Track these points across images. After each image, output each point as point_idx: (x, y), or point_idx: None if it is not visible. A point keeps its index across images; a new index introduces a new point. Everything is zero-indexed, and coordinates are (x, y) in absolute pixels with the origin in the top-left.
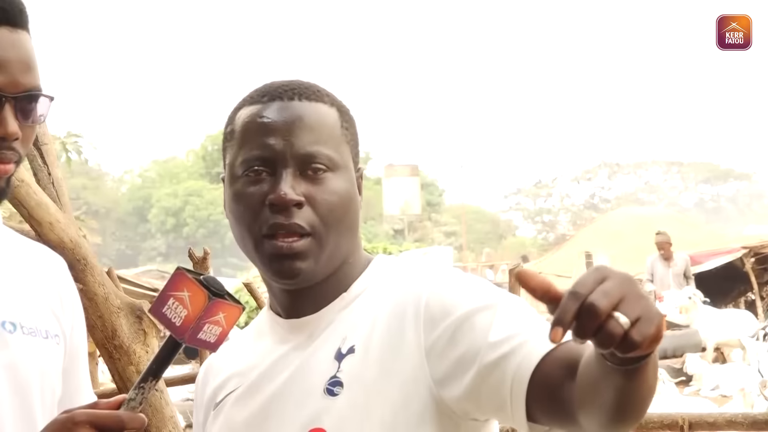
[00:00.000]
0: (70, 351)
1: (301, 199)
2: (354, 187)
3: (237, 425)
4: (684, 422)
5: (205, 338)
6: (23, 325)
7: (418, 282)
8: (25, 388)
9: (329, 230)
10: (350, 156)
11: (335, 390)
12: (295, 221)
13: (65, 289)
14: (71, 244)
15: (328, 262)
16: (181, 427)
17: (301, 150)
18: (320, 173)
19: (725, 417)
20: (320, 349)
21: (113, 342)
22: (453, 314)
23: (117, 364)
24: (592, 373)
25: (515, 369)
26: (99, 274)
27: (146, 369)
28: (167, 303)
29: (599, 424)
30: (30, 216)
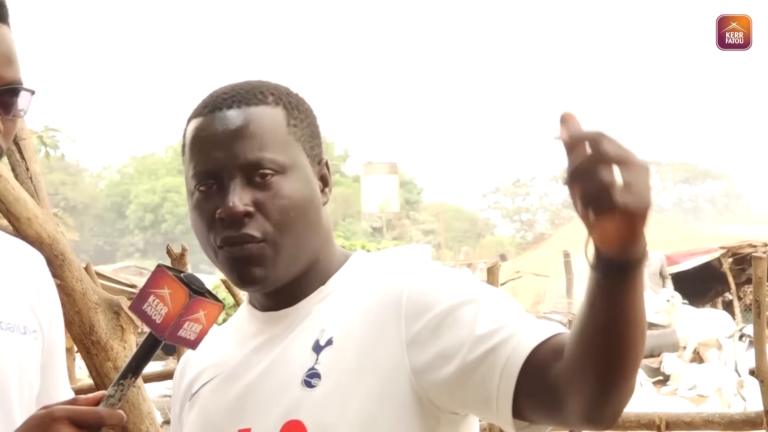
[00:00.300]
0: (48, 346)
1: (249, 209)
2: (310, 184)
3: (213, 414)
4: (661, 422)
5: (185, 336)
6: (1, 321)
7: (399, 276)
8: (3, 383)
9: (284, 234)
10: (302, 153)
11: (313, 382)
12: (245, 232)
13: (43, 285)
14: (49, 239)
15: (290, 264)
16: (158, 424)
17: (245, 159)
18: (268, 178)
19: (702, 417)
20: (297, 340)
21: (91, 338)
22: (436, 307)
23: (94, 360)
24: (580, 319)
25: (503, 363)
26: (77, 270)
27: (125, 366)
28: (147, 300)
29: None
30: (8, 211)
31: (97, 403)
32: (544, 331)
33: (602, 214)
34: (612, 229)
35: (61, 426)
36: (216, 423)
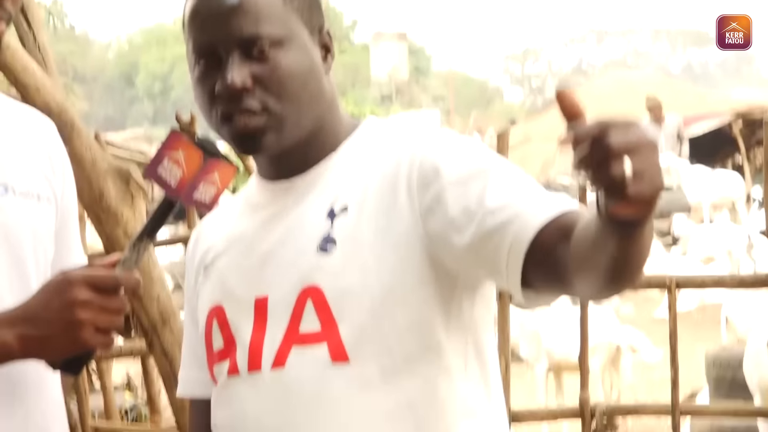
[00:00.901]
0: (61, 213)
1: (247, 84)
2: (309, 54)
3: (229, 284)
4: (672, 283)
5: (200, 198)
6: (15, 188)
7: (411, 143)
8: (19, 249)
9: (284, 104)
10: (300, 24)
11: (328, 247)
12: (244, 106)
13: (55, 152)
14: (57, 108)
15: (294, 131)
16: (168, 288)
17: (241, 34)
18: (266, 52)
19: (713, 278)
20: (311, 207)
21: (101, 205)
22: (447, 176)
23: (105, 227)
24: (588, 236)
25: (513, 236)
26: (86, 138)
27: (141, 229)
28: (162, 163)
29: (593, 286)
30: (17, 80)
31: (113, 267)
32: (553, 208)
33: (614, 202)
34: (624, 211)
35: (79, 289)
36: (233, 292)
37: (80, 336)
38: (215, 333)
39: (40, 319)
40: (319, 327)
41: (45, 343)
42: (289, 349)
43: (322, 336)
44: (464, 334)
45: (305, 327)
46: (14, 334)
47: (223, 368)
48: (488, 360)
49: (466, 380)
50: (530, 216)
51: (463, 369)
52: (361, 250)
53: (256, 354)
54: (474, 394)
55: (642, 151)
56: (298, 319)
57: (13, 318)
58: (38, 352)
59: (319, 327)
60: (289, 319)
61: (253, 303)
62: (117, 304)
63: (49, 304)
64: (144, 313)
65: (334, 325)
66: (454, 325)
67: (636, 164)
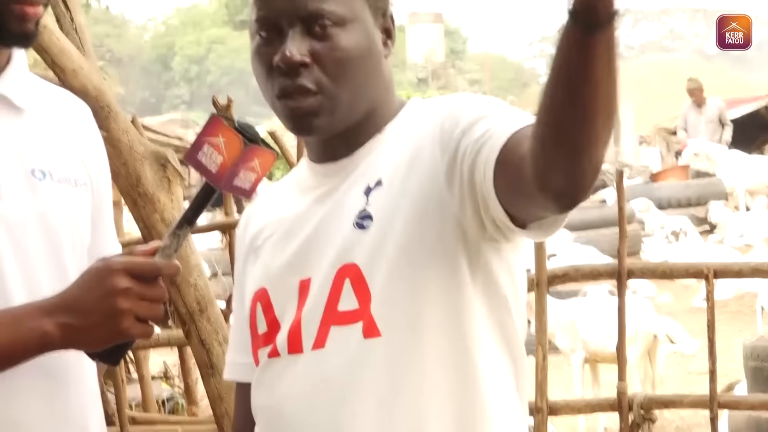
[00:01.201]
0: (97, 199)
1: (305, 60)
2: (369, 37)
3: (275, 267)
4: (709, 271)
5: (240, 185)
6: (53, 173)
7: (437, 110)
8: (56, 235)
9: (339, 85)
10: (365, 5)
11: (364, 223)
12: (300, 82)
13: (90, 136)
14: (95, 91)
15: (347, 114)
16: (206, 275)
17: (305, 9)
18: (328, 29)
19: (751, 266)
20: (353, 187)
21: (138, 189)
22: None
23: (141, 212)
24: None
25: (485, 157)
26: (123, 122)
27: (181, 216)
28: (202, 149)
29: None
30: (53, 63)
31: (153, 255)
32: (520, 122)
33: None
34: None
35: (119, 278)
36: (279, 275)
37: (121, 325)
38: (259, 316)
39: (80, 308)
40: (357, 305)
41: (85, 332)
42: (328, 329)
43: (359, 314)
44: (493, 308)
45: (343, 305)
46: (55, 323)
47: (266, 352)
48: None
49: (495, 354)
50: (499, 131)
51: (492, 343)
52: (394, 223)
53: (296, 336)
54: (503, 364)
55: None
56: (336, 298)
57: (53, 306)
58: (79, 341)
59: (357, 305)
60: (327, 298)
61: (297, 285)
62: (157, 292)
63: (89, 292)
64: (181, 301)
65: (368, 302)
66: (481, 300)
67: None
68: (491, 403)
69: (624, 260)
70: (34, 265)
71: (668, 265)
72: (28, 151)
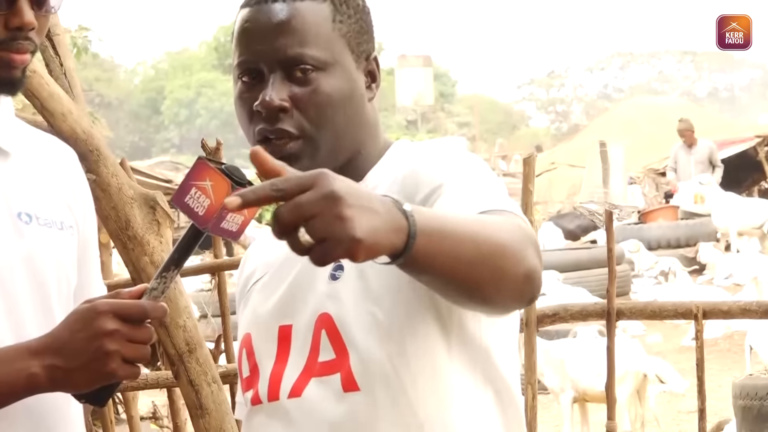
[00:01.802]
0: (83, 242)
1: (284, 105)
2: (351, 81)
3: (260, 312)
4: (698, 310)
5: (227, 227)
6: (39, 216)
7: (404, 166)
8: (42, 278)
9: (321, 130)
10: (346, 50)
11: (337, 274)
12: (280, 127)
13: (77, 181)
14: (84, 134)
15: (329, 158)
16: (195, 317)
17: (285, 54)
18: (308, 74)
19: (739, 305)
20: None
21: (127, 233)
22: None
23: (131, 255)
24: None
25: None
26: (112, 165)
27: (168, 258)
28: (189, 192)
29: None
30: (43, 107)
31: (139, 297)
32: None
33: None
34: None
35: (106, 320)
36: (261, 320)
37: (107, 366)
38: (243, 361)
39: (67, 350)
40: (334, 355)
41: (72, 373)
42: (308, 380)
43: (336, 365)
44: (470, 356)
45: (323, 356)
46: (41, 365)
47: (249, 397)
48: (507, 381)
49: (478, 402)
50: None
51: (474, 390)
52: (365, 276)
53: (276, 384)
54: (487, 415)
55: (321, 215)
56: (317, 349)
57: (39, 348)
58: (65, 383)
59: (333, 355)
60: (309, 349)
61: (277, 331)
62: (144, 334)
63: (76, 334)
64: (170, 343)
65: (345, 353)
66: (457, 346)
67: (315, 232)
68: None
69: (613, 300)
70: (20, 307)
71: (657, 304)
72: (14, 194)
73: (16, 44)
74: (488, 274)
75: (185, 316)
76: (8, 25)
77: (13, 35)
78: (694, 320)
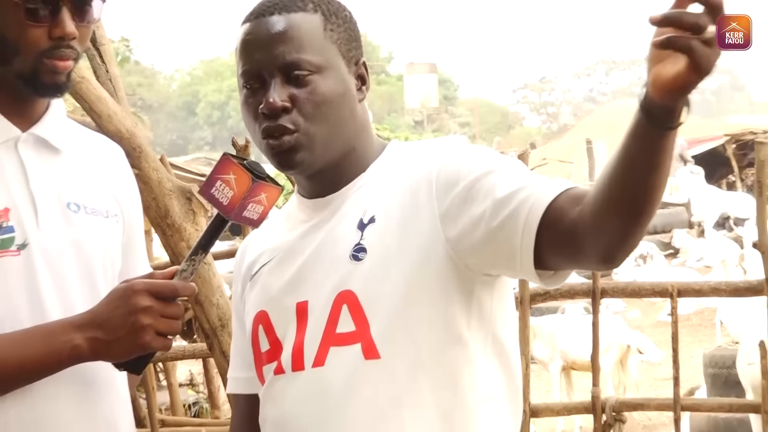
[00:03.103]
0: (129, 229)
1: (286, 104)
2: (344, 83)
3: (273, 291)
4: (673, 290)
5: (249, 216)
6: (86, 206)
7: (430, 156)
8: (89, 261)
9: (315, 124)
10: (338, 55)
11: (360, 255)
12: (280, 123)
13: (123, 175)
14: (128, 134)
15: (324, 150)
16: (227, 295)
17: (283, 60)
18: (305, 77)
19: (710, 285)
20: (343, 221)
21: (166, 221)
22: (462, 181)
23: (170, 240)
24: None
25: (524, 220)
26: (153, 161)
27: (196, 243)
28: (215, 185)
29: (610, 234)
30: (90, 109)
31: (171, 277)
32: (559, 186)
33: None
34: (679, 71)
35: (141, 297)
36: (276, 298)
37: (142, 339)
38: (261, 337)
39: (107, 324)
40: (354, 327)
41: (111, 345)
42: (328, 349)
43: (357, 336)
44: (484, 328)
45: (341, 328)
46: (84, 338)
47: (270, 369)
48: (509, 351)
49: (487, 369)
50: (539, 195)
51: (484, 359)
52: (388, 256)
53: (299, 355)
54: (493, 381)
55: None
56: (335, 321)
57: (83, 323)
58: (105, 353)
59: (353, 327)
60: (327, 321)
61: (294, 308)
62: (175, 310)
63: (115, 310)
64: (205, 318)
65: (366, 326)
66: (475, 319)
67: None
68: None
69: (598, 281)
70: (68, 286)
71: (637, 284)
72: (64, 186)
73: (59, 52)
74: (662, 193)
75: (218, 295)
76: (52, 36)
77: (56, 44)
78: (669, 298)
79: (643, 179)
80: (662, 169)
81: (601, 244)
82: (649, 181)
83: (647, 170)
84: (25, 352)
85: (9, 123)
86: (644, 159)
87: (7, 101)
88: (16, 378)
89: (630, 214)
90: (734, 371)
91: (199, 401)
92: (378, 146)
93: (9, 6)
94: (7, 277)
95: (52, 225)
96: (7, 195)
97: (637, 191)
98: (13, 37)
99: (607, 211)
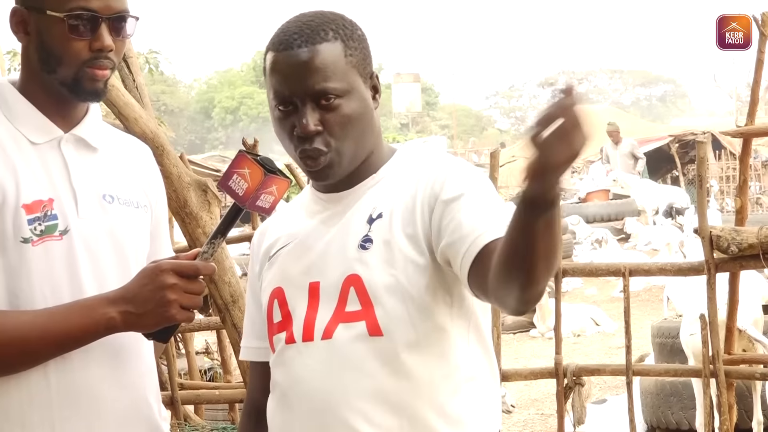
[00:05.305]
0: (155, 218)
1: (319, 128)
2: (365, 101)
3: (289, 271)
4: (626, 270)
5: (261, 205)
6: (119, 198)
7: (431, 169)
8: (122, 246)
9: (344, 144)
10: (358, 77)
11: (366, 245)
12: (315, 146)
13: (151, 170)
14: (151, 134)
15: (351, 162)
16: (237, 275)
17: (312, 90)
18: (332, 102)
19: (657, 266)
20: (355, 215)
21: (185, 210)
22: (440, 197)
23: (188, 227)
24: (505, 239)
25: (466, 249)
26: (173, 158)
27: (216, 229)
28: (232, 178)
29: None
30: (119, 113)
31: (194, 258)
32: (497, 232)
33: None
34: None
35: (167, 275)
36: (292, 278)
37: (169, 312)
38: (275, 310)
39: (137, 299)
40: (360, 307)
41: (141, 318)
42: (337, 324)
43: (362, 315)
44: (466, 319)
45: (350, 307)
46: (117, 311)
47: (281, 338)
48: (486, 336)
49: (469, 354)
50: (482, 235)
51: (466, 345)
52: (391, 249)
53: (310, 327)
54: (475, 362)
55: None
56: (344, 301)
57: (116, 298)
58: (136, 325)
59: (359, 307)
60: (337, 300)
61: (307, 287)
62: (197, 287)
63: (144, 287)
64: (218, 295)
65: (371, 307)
66: (457, 312)
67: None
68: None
69: (559, 262)
70: (103, 267)
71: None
72: (100, 180)
73: (98, 62)
74: (547, 265)
75: (230, 275)
76: (92, 48)
77: (96, 55)
78: (622, 277)
79: (530, 248)
80: (538, 247)
81: (502, 298)
82: (536, 249)
83: (532, 242)
84: (67, 324)
85: (53, 125)
86: (522, 238)
87: (52, 105)
88: (58, 346)
89: (519, 279)
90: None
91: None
92: (388, 150)
93: (55, 22)
94: (51, 258)
95: (90, 214)
96: (52, 187)
97: (525, 257)
98: (58, 49)
99: (504, 275)
